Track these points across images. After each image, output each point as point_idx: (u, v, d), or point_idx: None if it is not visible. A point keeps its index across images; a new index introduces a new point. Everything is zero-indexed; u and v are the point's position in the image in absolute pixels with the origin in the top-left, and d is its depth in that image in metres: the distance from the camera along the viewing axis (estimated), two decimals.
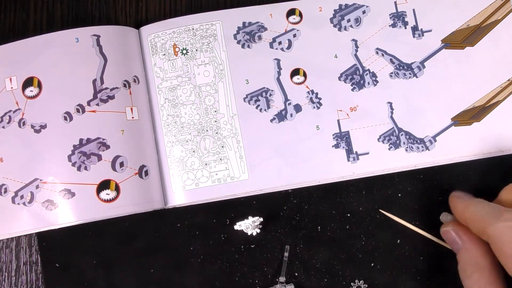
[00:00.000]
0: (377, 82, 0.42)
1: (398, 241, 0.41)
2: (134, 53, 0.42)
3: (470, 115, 0.42)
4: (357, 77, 0.42)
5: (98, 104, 0.40)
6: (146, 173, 0.40)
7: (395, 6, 0.43)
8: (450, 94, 0.42)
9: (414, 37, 0.43)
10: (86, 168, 0.39)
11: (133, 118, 0.41)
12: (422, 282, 0.40)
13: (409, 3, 0.43)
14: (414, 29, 0.43)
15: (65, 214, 0.38)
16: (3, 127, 0.40)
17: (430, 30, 0.43)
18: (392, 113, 0.42)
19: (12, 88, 0.40)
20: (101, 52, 0.40)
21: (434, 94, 0.42)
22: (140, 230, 0.42)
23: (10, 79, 0.40)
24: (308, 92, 0.42)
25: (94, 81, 0.40)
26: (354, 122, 0.42)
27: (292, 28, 0.43)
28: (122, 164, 0.39)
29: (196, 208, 0.41)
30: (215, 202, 0.41)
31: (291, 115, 0.42)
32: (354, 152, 0.41)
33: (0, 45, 0.41)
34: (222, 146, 0.41)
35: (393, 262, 0.41)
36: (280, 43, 0.42)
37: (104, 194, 0.39)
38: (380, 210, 0.41)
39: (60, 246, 0.41)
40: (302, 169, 0.41)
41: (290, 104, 0.42)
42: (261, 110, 0.42)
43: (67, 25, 0.44)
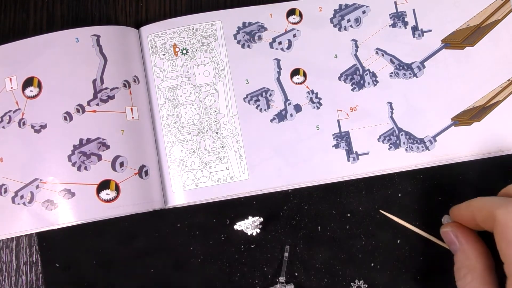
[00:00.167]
0: (377, 82, 0.42)
1: (398, 241, 0.41)
2: (134, 53, 0.42)
3: (470, 115, 0.42)
4: (357, 77, 0.42)
5: (98, 104, 0.40)
6: (146, 173, 0.40)
7: (395, 6, 0.43)
8: (450, 94, 0.42)
9: (414, 37, 0.43)
10: (86, 168, 0.39)
11: (133, 118, 0.41)
12: (422, 282, 0.40)
13: (409, 3, 0.43)
14: (414, 29, 0.43)
15: (65, 214, 0.38)
16: (3, 127, 0.40)
17: (430, 30, 0.43)
18: (392, 113, 0.42)
19: (12, 88, 0.40)
20: (101, 52, 0.40)
21: (434, 94, 0.42)
22: (140, 230, 0.42)
23: (10, 79, 0.40)
24: (308, 92, 0.42)
25: (94, 81, 0.40)
26: (354, 122, 0.42)
27: (292, 28, 0.43)
28: (122, 164, 0.39)
29: (196, 208, 0.41)
30: (215, 202, 0.41)
31: (291, 115, 0.42)
32: (354, 152, 0.41)
33: (0, 45, 0.41)
34: (222, 146, 0.41)
35: (393, 262, 0.41)
36: (280, 43, 0.42)
37: (104, 194, 0.39)
38: (380, 210, 0.41)
39: (60, 246, 0.41)
40: (302, 169, 0.41)
41: (290, 104, 0.42)
42: (261, 110, 0.42)
43: (67, 25, 0.44)
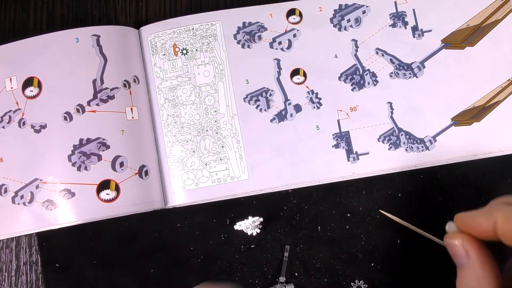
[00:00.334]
0: (377, 82, 0.42)
1: (398, 241, 0.41)
2: (134, 53, 0.42)
3: (470, 115, 0.42)
4: (357, 77, 0.42)
5: (98, 104, 0.40)
6: (146, 173, 0.40)
7: (395, 6, 0.43)
8: (450, 94, 0.42)
9: (414, 37, 0.42)
10: (86, 168, 0.39)
11: (133, 118, 0.41)
12: (422, 282, 0.40)
13: (409, 3, 0.43)
14: (414, 29, 0.43)
15: (65, 214, 0.38)
16: (3, 127, 0.40)
17: (430, 30, 0.43)
18: (392, 113, 0.42)
19: (12, 88, 0.40)
20: (101, 52, 0.40)
21: (434, 94, 0.42)
22: (140, 230, 0.42)
23: (10, 79, 0.40)
24: (308, 92, 0.42)
25: (94, 81, 0.40)
26: (354, 122, 0.42)
27: (292, 28, 0.43)
28: (122, 164, 0.39)
29: (196, 208, 0.41)
30: (215, 202, 0.41)
31: (291, 115, 0.42)
32: (354, 152, 0.41)
33: (0, 45, 0.41)
34: (222, 146, 0.41)
35: (393, 262, 0.41)
36: (280, 43, 0.42)
37: (104, 194, 0.39)
38: (380, 210, 0.41)
39: (60, 246, 0.41)
40: (302, 169, 0.41)
41: (290, 104, 0.42)
42: (261, 110, 0.42)
43: (67, 25, 0.44)
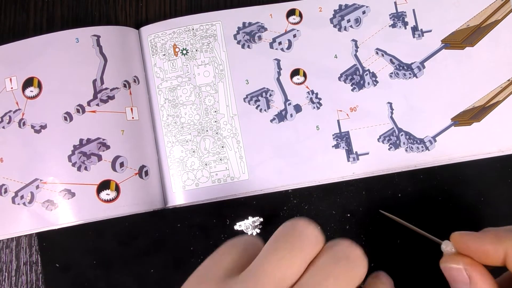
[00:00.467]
0: (377, 82, 0.42)
1: (398, 241, 0.41)
2: (134, 53, 0.42)
3: (470, 115, 0.42)
4: (357, 77, 0.42)
5: (98, 104, 0.40)
6: (146, 173, 0.40)
7: (395, 6, 0.43)
8: (450, 94, 0.42)
9: (414, 37, 0.43)
10: (86, 168, 0.39)
11: (133, 118, 0.41)
12: (422, 282, 0.40)
13: (409, 3, 0.43)
14: (414, 29, 0.43)
15: (65, 214, 0.38)
16: (3, 127, 0.40)
17: (430, 30, 0.43)
18: (392, 113, 0.42)
19: (12, 88, 0.40)
20: (101, 52, 0.40)
21: (434, 94, 0.42)
22: (140, 230, 0.42)
23: (10, 79, 0.40)
24: (308, 92, 0.42)
25: (94, 81, 0.40)
26: (354, 122, 0.42)
27: (292, 28, 0.43)
28: (122, 164, 0.39)
29: (196, 208, 0.41)
30: (215, 202, 0.41)
31: (291, 115, 0.42)
32: (354, 152, 0.41)
33: (0, 45, 0.41)
34: (222, 146, 0.41)
35: (393, 262, 0.41)
36: (280, 43, 0.42)
37: (104, 194, 0.39)
38: (380, 210, 0.41)
39: (60, 246, 0.41)
40: (302, 169, 0.41)
41: (290, 104, 0.42)
42: (261, 110, 0.42)
43: (67, 25, 0.44)
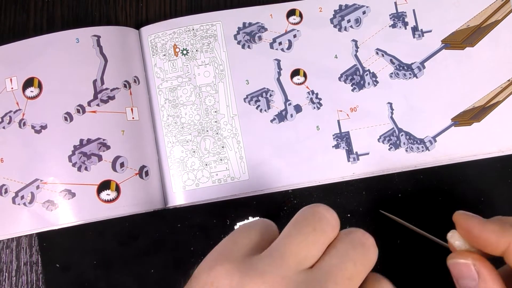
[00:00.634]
0: (377, 82, 0.42)
1: (398, 241, 0.41)
2: (135, 53, 0.42)
3: (470, 116, 0.42)
4: (357, 77, 0.42)
5: (98, 104, 0.40)
6: (147, 173, 0.40)
7: (395, 6, 0.43)
8: (450, 94, 0.42)
9: (414, 37, 0.43)
10: (86, 168, 0.39)
11: (133, 118, 0.41)
12: (422, 282, 0.40)
13: (409, 4, 0.43)
14: (414, 29, 0.43)
15: (65, 215, 0.38)
16: (4, 128, 0.40)
17: (430, 31, 0.43)
18: (392, 113, 0.42)
19: (12, 88, 0.40)
20: (101, 52, 0.40)
21: (434, 94, 0.42)
22: (140, 230, 0.42)
23: (11, 80, 0.40)
24: (308, 92, 0.42)
25: (95, 81, 0.40)
26: (354, 122, 0.42)
27: (292, 28, 0.43)
28: (122, 164, 0.39)
29: (196, 208, 0.41)
30: (215, 202, 0.41)
31: (291, 116, 0.42)
32: (354, 152, 0.41)
33: (0, 45, 0.41)
34: (223, 147, 0.41)
35: (393, 262, 0.41)
36: (280, 44, 0.42)
37: (104, 195, 0.39)
38: (380, 210, 0.41)
39: (60, 246, 0.41)
40: (302, 169, 0.41)
41: (290, 104, 0.42)
42: (261, 110, 0.42)
43: (67, 25, 0.44)
